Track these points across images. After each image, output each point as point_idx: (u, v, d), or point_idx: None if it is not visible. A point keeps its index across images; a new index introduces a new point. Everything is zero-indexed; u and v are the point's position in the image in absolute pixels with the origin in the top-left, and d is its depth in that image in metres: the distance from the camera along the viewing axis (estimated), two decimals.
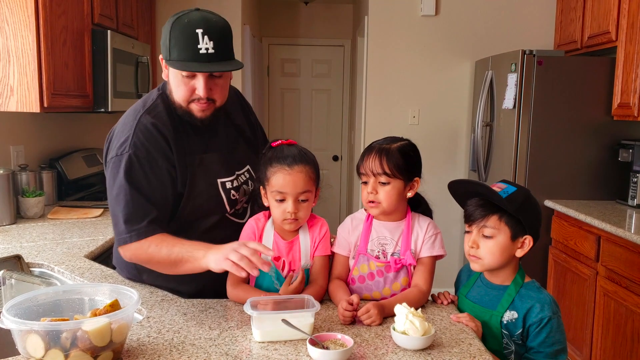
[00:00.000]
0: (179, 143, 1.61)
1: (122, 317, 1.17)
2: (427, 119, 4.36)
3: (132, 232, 1.51)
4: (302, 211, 1.56)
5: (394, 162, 1.54)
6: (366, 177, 1.58)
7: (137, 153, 1.54)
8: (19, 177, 2.70)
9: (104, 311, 1.19)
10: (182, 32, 1.50)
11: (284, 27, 6.01)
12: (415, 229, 1.61)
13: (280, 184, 1.53)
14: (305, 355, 1.23)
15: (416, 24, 4.28)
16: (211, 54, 1.50)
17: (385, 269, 1.58)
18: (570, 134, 3.47)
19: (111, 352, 1.17)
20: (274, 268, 1.58)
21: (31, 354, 1.12)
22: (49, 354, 1.11)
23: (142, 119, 1.59)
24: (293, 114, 6.16)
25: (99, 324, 1.12)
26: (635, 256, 2.55)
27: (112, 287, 1.36)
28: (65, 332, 1.11)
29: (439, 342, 1.33)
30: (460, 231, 4.34)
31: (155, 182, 1.56)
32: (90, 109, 2.96)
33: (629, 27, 3.09)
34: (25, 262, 1.93)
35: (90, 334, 1.11)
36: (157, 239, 1.51)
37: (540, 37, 4.20)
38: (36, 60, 2.40)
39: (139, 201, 1.52)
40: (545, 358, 1.41)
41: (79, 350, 1.11)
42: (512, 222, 1.43)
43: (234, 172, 1.73)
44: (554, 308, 1.42)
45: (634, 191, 3.18)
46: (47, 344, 1.10)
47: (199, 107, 1.59)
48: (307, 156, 1.58)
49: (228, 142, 1.75)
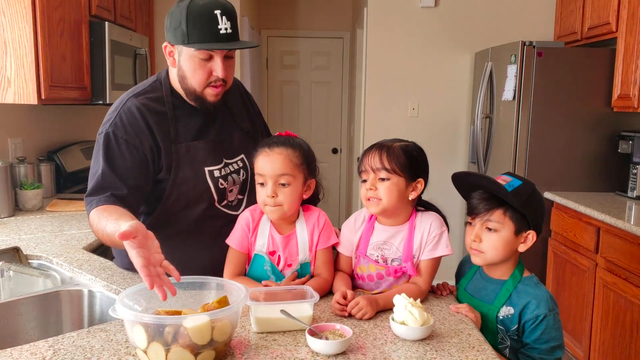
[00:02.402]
0: (164, 129, 1.62)
1: (224, 316, 1.14)
2: (427, 111, 4.35)
3: (91, 202, 1.52)
4: (283, 196, 1.49)
5: (395, 159, 1.48)
6: (366, 174, 1.52)
7: (115, 132, 1.57)
8: (17, 170, 2.69)
9: (212, 307, 1.20)
10: (201, 14, 1.50)
11: (283, 19, 5.99)
12: (417, 233, 1.54)
13: (259, 166, 1.52)
14: (304, 346, 1.23)
15: (415, 15, 4.27)
16: (230, 33, 1.53)
17: (385, 273, 1.55)
18: (570, 126, 3.46)
19: (213, 352, 1.14)
20: (269, 262, 1.56)
21: (137, 344, 1.13)
22: (151, 346, 1.11)
23: (127, 102, 1.61)
24: (292, 107, 6.14)
25: (199, 322, 1.11)
26: (635, 248, 2.55)
27: (220, 281, 1.32)
28: (168, 326, 1.11)
29: (438, 332, 1.33)
30: (459, 225, 4.34)
31: (129, 162, 1.57)
32: (88, 101, 2.95)
33: (629, 18, 3.08)
34: (23, 254, 1.93)
35: (190, 331, 1.10)
36: (107, 209, 1.47)
37: (540, 28, 4.18)
38: (33, 52, 2.38)
39: (109, 176, 1.54)
40: (540, 354, 1.41)
41: (179, 346, 1.10)
42: (517, 217, 1.42)
43: (222, 160, 1.71)
44: (550, 305, 1.41)
45: (633, 183, 3.18)
46: (151, 336, 1.10)
47: (214, 92, 1.60)
48: (292, 141, 1.54)
49: (223, 131, 1.74)
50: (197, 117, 1.68)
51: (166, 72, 1.70)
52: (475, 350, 1.24)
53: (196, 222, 1.68)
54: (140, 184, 1.59)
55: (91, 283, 1.69)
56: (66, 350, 1.20)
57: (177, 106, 1.66)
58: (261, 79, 5.79)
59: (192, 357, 1.11)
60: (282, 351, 1.21)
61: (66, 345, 1.23)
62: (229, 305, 1.19)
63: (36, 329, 1.63)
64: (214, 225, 1.69)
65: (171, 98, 1.66)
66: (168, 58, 1.63)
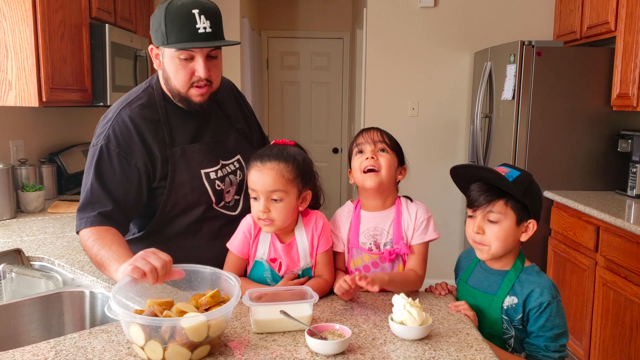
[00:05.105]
0: (159, 136, 1.61)
1: (220, 315, 1.19)
2: (426, 110, 4.35)
3: (81, 219, 1.55)
4: (276, 212, 1.48)
5: (391, 139, 1.61)
6: (363, 146, 1.58)
7: (108, 145, 1.57)
8: (18, 172, 2.71)
9: (205, 302, 1.24)
10: (178, 14, 1.50)
11: (283, 20, 6.00)
12: (405, 217, 1.60)
13: (251, 181, 1.51)
14: (304, 346, 1.24)
15: (415, 15, 4.27)
16: (209, 33, 1.51)
17: (380, 260, 1.58)
18: (570, 125, 3.47)
19: (208, 345, 1.19)
20: (270, 269, 1.56)
21: (134, 341, 1.16)
22: (149, 344, 1.14)
23: (121, 112, 1.60)
24: (293, 107, 6.15)
25: (196, 321, 1.14)
26: (634, 246, 2.56)
27: (214, 272, 1.37)
28: (164, 326, 1.14)
29: (437, 332, 1.34)
30: (460, 222, 4.35)
31: (119, 176, 1.57)
32: (89, 103, 2.96)
33: (627, 17, 3.08)
34: (25, 255, 1.94)
35: (187, 331, 1.13)
36: (98, 232, 1.51)
37: (539, 28, 4.19)
38: (34, 54, 2.40)
39: (97, 191, 1.56)
40: (545, 341, 1.40)
41: (176, 344, 1.14)
42: (518, 207, 1.43)
43: (219, 162, 1.71)
44: (553, 292, 1.41)
45: (633, 181, 3.18)
46: (148, 334, 1.14)
47: (198, 92, 1.58)
48: (286, 155, 1.51)
49: (218, 132, 1.74)
50: (192, 120, 1.67)
51: (157, 76, 1.69)
52: (474, 349, 1.25)
53: (195, 224, 1.68)
54: (129, 197, 1.59)
55: (93, 284, 1.70)
56: (68, 351, 1.21)
57: (170, 111, 1.65)
58: (262, 79, 5.80)
59: (189, 352, 1.16)
60: (281, 351, 1.22)
61: (68, 346, 1.24)
62: (220, 297, 1.26)
63: (38, 330, 1.64)
64: (212, 226, 1.69)
65: (164, 103, 1.65)
66: (155, 61, 1.62)
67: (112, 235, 1.50)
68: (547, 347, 1.41)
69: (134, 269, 1.25)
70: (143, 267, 1.26)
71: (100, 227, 1.52)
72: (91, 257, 1.51)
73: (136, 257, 1.30)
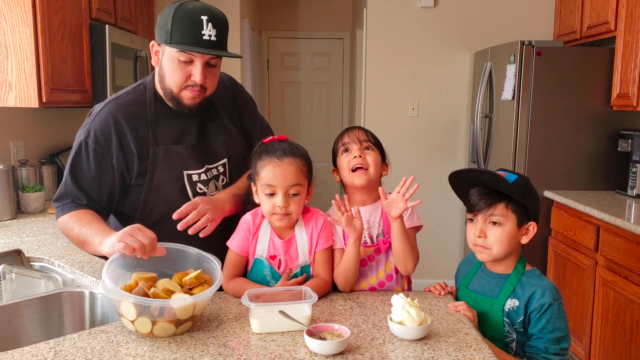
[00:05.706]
0: (141, 133, 1.62)
1: (205, 297, 1.31)
2: (427, 110, 4.35)
3: (58, 208, 1.63)
4: (293, 206, 1.52)
5: (374, 137, 1.68)
6: (350, 145, 1.63)
7: (87, 140, 1.61)
8: (19, 172, 2.71)
9: (189, 282, 1.36)
10: (187, 17, 1.52)
11: (283, 20, 6.00)
12: None
13: (269, 177, 1.51)
14: (303, 346, 1.24)
15: (415, 15, 4.27)
16: (213, 41, 1.53)
17: (375, 252, 1.62)
18: (570, 125, 3.47)
19: (191, 322, 1.32)
20: (269, 267, 1.57)
21: (125, 315, 1.28)
22: (139, 319, 1.26)
23: (105, 108, 1.64)
24: (293, 108, 6.16)
25: (185, 302, 1.27)
26: (635, 246, 2.55)
27: (198, 254, 1.46)
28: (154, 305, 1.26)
29: (436, 332, 1.34)
30: (460, 221, 4.35)
31: (94, 172, 1.61)
32: (90, 103, 2.96)
33: (627, 17, 3.08)
34: (25, 256, 1.95)
35: (177, 310, 1.27)
36: (77, 215, 1.59)
37: (539, 28, 4.19)
38: (34, 55, 2.40)
39: (71, 184, 1.62)
40: (545, 343, 1.40)
41: (164, 321, 1.27)
42: (518, 209, 1.44)
43: (204, 165, 1.70)
44: (554, 294, 1.42)
45: (633, 181, 3.18)
46: (139, 311, 1.26)
47: (191, 95, 1.59)
48: (298, 150, 1.57)
49: (206, 135, 1.72)
50: (179, 120, 1.67)
51: (152, 76, 1.70)
52: (473, 349, 1.25)
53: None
54: (102, 191, 1.63)
55: (92, 285, 1.71)
56: (67, 352, 1.21)
57: (158, 109, 1.66)
58: (262, 80, 5.80)
59: (174, 327, 1.29)
60: (280, 351, 1.22)
61: (67, 346, 1.24)
62: (203, 278, 1.39)
63: (38, 330, 1.64)
64: None
65: (154, 101, 1.66)
66: (153, 57, 1.63)
67: (90, 216, 1.58)
68: (547, 349, 1.41)
69: (125, 246, 1.34)
70: (132, 244, 1.34)
71: (77, 211, 1.60)
72: (72, 238, 1.58)
73: (124, 233, 1.37)
